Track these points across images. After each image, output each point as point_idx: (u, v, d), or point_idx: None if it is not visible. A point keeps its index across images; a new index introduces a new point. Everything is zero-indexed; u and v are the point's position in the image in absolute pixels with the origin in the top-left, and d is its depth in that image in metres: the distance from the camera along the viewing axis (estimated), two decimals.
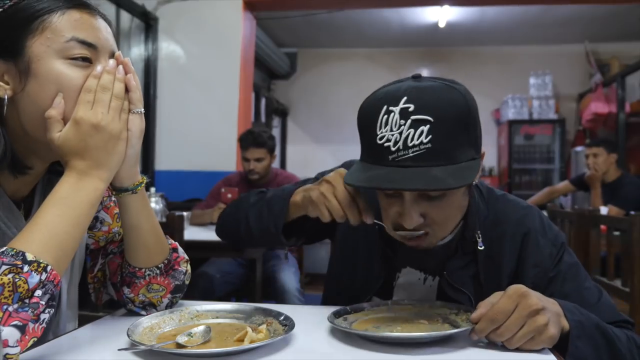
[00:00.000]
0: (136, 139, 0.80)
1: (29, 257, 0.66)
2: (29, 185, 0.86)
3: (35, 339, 0.66)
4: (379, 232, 1.03)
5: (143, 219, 0.88)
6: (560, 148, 6.34)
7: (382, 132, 0.84)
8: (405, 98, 0.83)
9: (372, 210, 0.94)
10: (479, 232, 0.98)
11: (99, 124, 0.75)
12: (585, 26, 5.76)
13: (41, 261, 0.67)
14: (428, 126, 0.81)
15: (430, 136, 0.81)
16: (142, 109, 0.81)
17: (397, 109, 0.83)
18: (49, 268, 0.67)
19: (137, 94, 0.80)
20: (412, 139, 0.81)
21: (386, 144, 0.83)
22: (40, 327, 0.66)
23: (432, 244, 0.94)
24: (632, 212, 2.03)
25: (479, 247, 0.97)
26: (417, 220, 0.88)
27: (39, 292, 0.66)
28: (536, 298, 0.77)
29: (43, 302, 0.66)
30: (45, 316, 0.67)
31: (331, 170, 1.03)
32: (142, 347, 0.73)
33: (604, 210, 3.11)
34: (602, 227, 2.36)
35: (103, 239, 1.00)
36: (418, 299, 1.03)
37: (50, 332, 0.88)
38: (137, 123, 0.80)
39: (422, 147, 0.81)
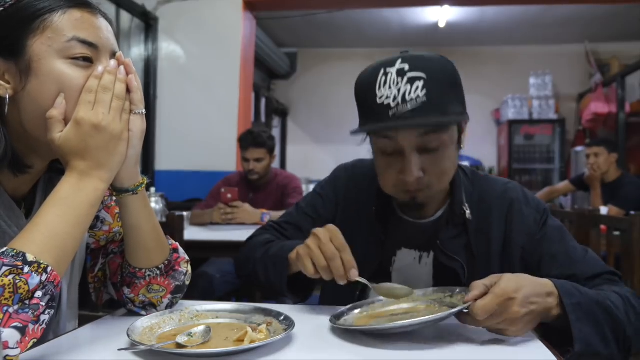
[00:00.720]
0: (137, 140, 0.80)
1: (30, 258, 0.66)
2: (29, 184, 0.86)
3: (35, 340, 0.66)
4: (375, 216, 1.10)
5: (143, 219, 0.88)
6: (560, 148, 6.34)
7: (381, 92, 0.92)
8: (400, 60, 0.93)
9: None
10: (466, 204, 1.06)
11: (99, 124, 0.75)
12: (585, 26, 5.76)
13: (41, 262, 0.67)
14: (422, 82, 0.90)
15: (425, 90, 0.90)
16: (144, 110, 0.81)
17: (393, 70, 0.92)
18: (49, 269, 0.67)
19: (139, 95, 0.80)
20: (410, 94, 0.90)
21: (386, 102, 0.91)
22: (40, 328, 0.66)
23: (427, 197, 1.01)
24: (632, 212, 2.03)
25: (468, 217, 1.05)
26: (417, 174, 0.95)
27: (39, 293, 0.66)
28: (519, 305, 0.79)
29: (43, 303, 0.66)
30: (45, 317, 0.67)
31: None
32: (142, 347, 0.73)
33: (604, 210, 3.11)
34: (602, 227, 2.36)
35: (104, 238, 1.00)
36: (415, 281, 1.06)
37: (51, 331, 0.89)
38: (138, 124, 0.80)
39: (418, 100, 0.90)
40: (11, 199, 0.82)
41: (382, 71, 0.93)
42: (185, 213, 2.21)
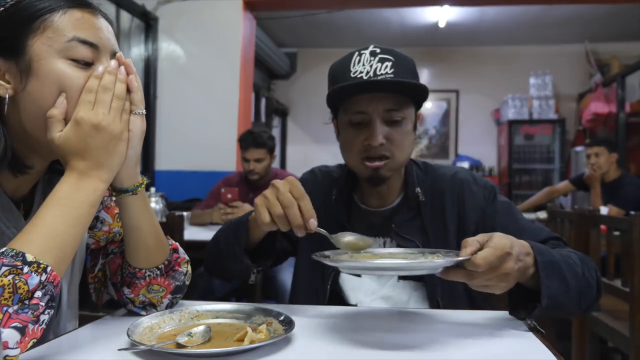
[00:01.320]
0: (137, 140, 0.80)
1: (29, 258, 0.66)
2: (28, 184, 0.85)
3: (35, 340, 0.66)
4: (335, 205, 1.19)
5: (143, 220, 0.88)
6: (560, 148, 6.34)
7: (355, 69, 1.06)
8: (372, 46, 1.09)
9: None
10: (418, 188, 1.16)
11: (99, 124, 0.75)
12: (585, 26, 5.77)
13: (41, 262, 0.67)
14: (391, 62, 1.06)
15: (393, 69, 1.05)
16: (144, 110, 0.81)
17: (367, 52, 1.08)
18: (48, 269, 0.67)
19: (139, 95, 0.80)
20: (380, 70, 1.05)
21: (359, 75, 1.05)
22: (40, 328, 0.66)
23: (390, 169, 1.11)
24: (632, 212, 2.03)
25: (421, 199, 1.15)
26: (381, 140, 1.07)
27: (38, 294, 0.66)
28: (514, 260, 0.82)
29: (43, 303, 0.66)
30: (44, 317, 0.67)
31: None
32: (142, 347, 0.73)
33: (604, 210, 3.11)
34: (602, 227, 2.36)
35: (104, 238, 1.00)
36: None
37: (51, 331, 0.88)
38: (138, 124, 0.80)
39: (387, 76, 1.05)
40: (10, 200, 0.82)
41: (356, 53, 1.08)
42: (185, 213, 2.21)
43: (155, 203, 2.63)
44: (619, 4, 4.79)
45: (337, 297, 1.17)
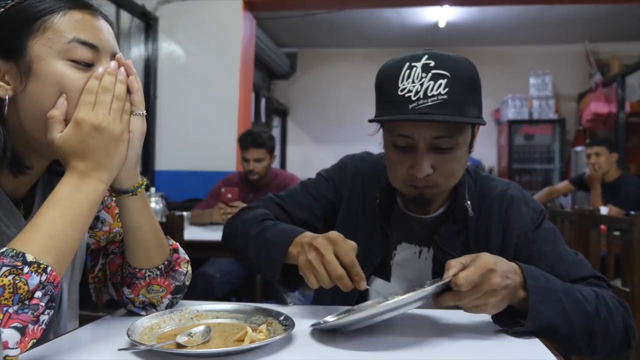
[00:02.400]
0: (137, 141, 0.80)
1: (29, 258, 0.66)
2: (28, 184, 0.86)
3: (35, 341, 0.66)
4: (379, 209, 1.12)
5: (143, 220, 0.88)
6: (560, 148, 6.34)
7: (403, 85, 0.93)
8: (426, 56, 0.94)
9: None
10: (468, 201, 1.08)
11: (99, 125, 0.75)
12: (585, 26, 5.77)
13: (41, 262, 0.67)
14: (446, 80, 0.91)
15: (447, 89, 0.91)
16: (144, 111, 0.81)
17: (419, 64, 0.93)
18: (49, 269, 0.67)
19: (139, 96, 0.80)
20: (432, 90, 0.91)
21: (407, 94, 0.92)
22: (40, 328, 0.66)
23: (434, 194, 1.03)
24: (632, 212, 2.03)
25: (470, 214, 1.07)
26: (427, 171, 0.96)
27: (38, 294, 0.66)
28: (499, 276, 0.81)
29: (43, 304, 0.66)
30: (44, 317, 0.67)
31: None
32: (142, 347, 0.73)
33: (604, 210, 3.11)
34: (602, 227, 2.36)
35: (104, 238, 1.00)
36: (415, 276, 1.08)
37: (51, 331, 0.89)
38: (138, 125, 0.80)
39: (439, 97, 0.91)
40: (10, 200, 0.82)
41: (407, 64, 0.94)
42: (185, 213, 2.21)
43: (155, 203, 2.63)
44: (619, 4, 4.79)
45: (365, 298, 1.12)
